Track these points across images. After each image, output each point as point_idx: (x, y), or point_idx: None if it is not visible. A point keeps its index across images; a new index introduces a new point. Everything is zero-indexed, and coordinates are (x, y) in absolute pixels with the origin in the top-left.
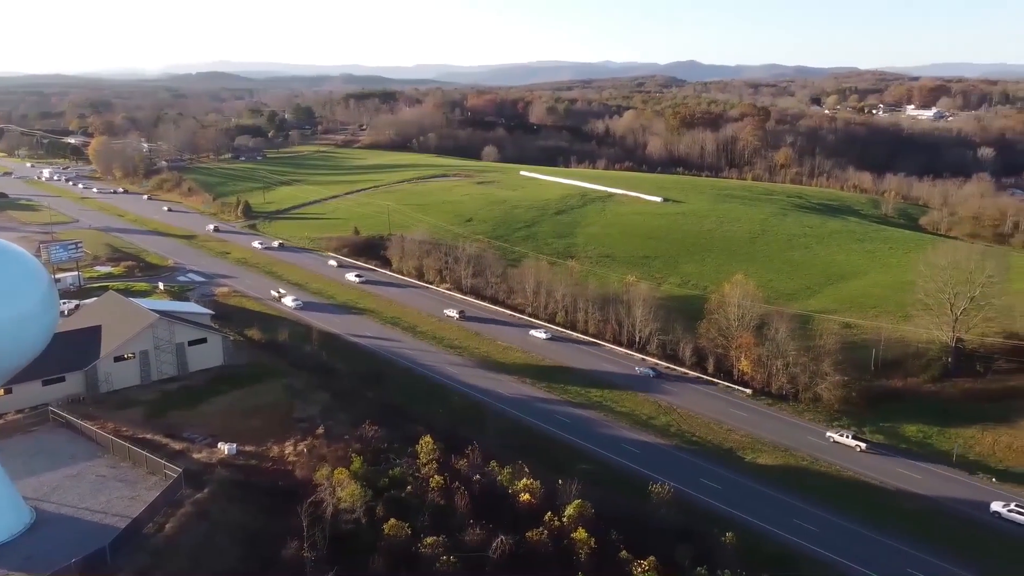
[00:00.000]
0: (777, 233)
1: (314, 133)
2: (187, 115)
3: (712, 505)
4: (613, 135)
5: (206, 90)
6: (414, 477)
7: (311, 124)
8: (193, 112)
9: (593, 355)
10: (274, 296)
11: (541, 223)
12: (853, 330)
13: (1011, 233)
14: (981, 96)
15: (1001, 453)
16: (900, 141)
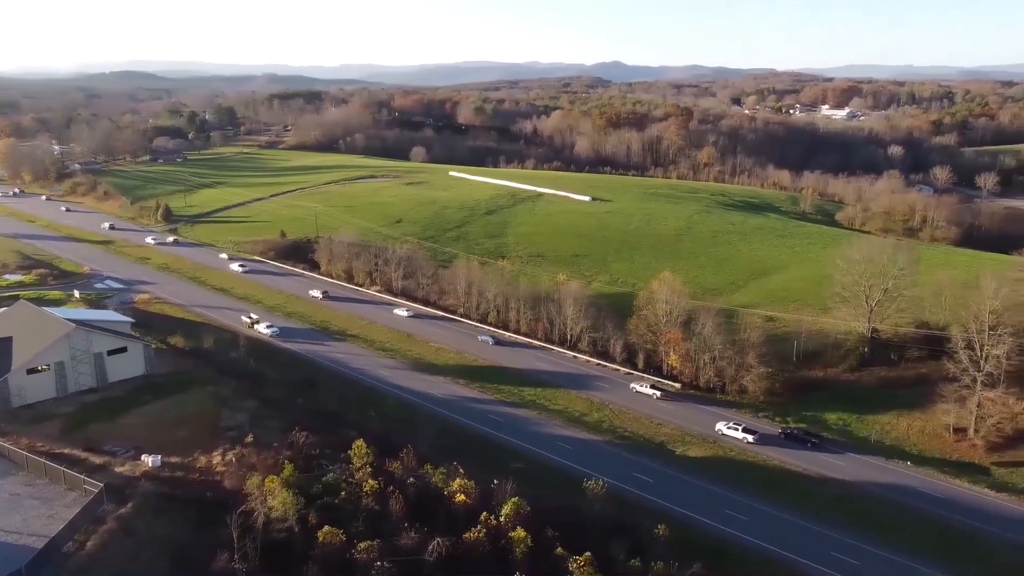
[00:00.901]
0: (702, 230)
1: (237, 134)
2: (101, 116)
3: (645, 498)
4: (541, 135)
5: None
6: (347, 483)
7: (233, 125)
8: (108, 113)
9: (527, 354)
10: (246, 322)
11: (471, 223)
12: (776, 323)
13: (919, 227)
14: (890, 96)
15: (915, 437)
16: (816, 140)
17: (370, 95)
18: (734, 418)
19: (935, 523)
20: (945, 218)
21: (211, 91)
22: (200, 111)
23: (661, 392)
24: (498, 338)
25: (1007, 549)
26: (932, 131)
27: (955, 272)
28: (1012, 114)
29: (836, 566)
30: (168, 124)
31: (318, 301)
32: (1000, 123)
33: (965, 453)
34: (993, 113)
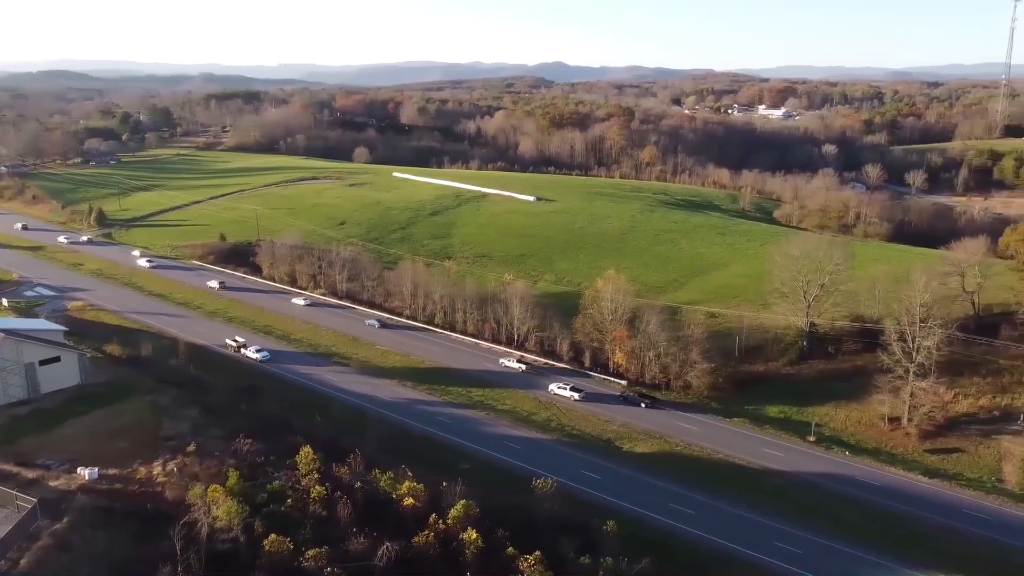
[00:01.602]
0: (645, 229)
1: (173, 135)
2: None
3: (594, 496)
4: (485, 135)
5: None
6: (294, 489)
7: (169, 126)
8: (35, 113)
9: (473, 354)
10: (231, 345)
11: (416, 224)
12: (718, 319)
13: (853, 223)
14: (823, 96)
15: (852, 427)
16: (754, 139)
17: (311, 95)
18: (565, 379)
19: (872, 510)
20: (877, 215)
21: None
22: (134, 112)
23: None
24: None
25: (940, 533)
26: (864, 130)
27: (887, 267)
28: (938, 113)
29: (780, 556)
30: (100, 125)
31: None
32: (927, 122)
33: (899, 442)
34: (920, 113)
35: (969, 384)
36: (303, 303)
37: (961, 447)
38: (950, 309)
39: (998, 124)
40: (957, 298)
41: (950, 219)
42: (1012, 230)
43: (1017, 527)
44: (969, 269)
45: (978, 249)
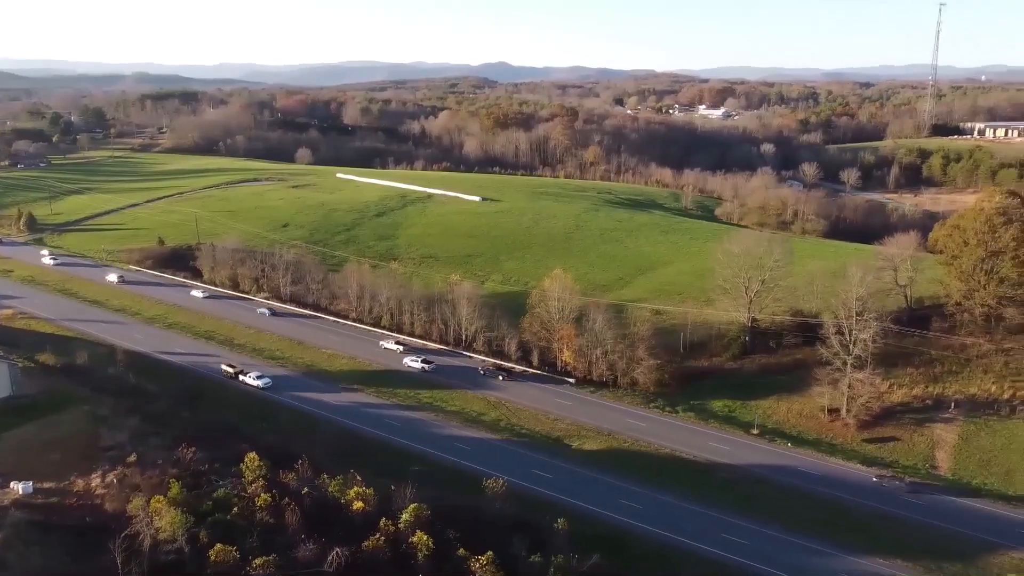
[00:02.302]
0: (591, 228)
1: (107, 137)
2: None
3: (544, 494)
4: (429, 135)
5: None
6: (240, 497)
7: (103, 127)
8: None
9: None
10: (226, 371)
11: (361, 226)
12: (663, 316)
13: (792, 221)
14: (761, 97)
15: (794, 419)
16: (695, 139)
17: (251, 95)
18: (418, 354)
19: (815, 499)
20: (814, 212)
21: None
22: (65, 112)
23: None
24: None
25: (879, 519)
26: (800, 130)
27: (824, 262)
28: (869, 113)
29: (727, 547)
30: (29, 127)
31: (197, 305)
32: (860, 122)
33: (839, 432)
34: (853, 112)
35: (903, 374)
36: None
37: (897, 436)
38: (884, 302)
39: (926, 123)
40: (891, 292)
41: (883, 215)
42: (940, 225)
43: (949, 511)
44: (901, 264)
45: (909, 244)
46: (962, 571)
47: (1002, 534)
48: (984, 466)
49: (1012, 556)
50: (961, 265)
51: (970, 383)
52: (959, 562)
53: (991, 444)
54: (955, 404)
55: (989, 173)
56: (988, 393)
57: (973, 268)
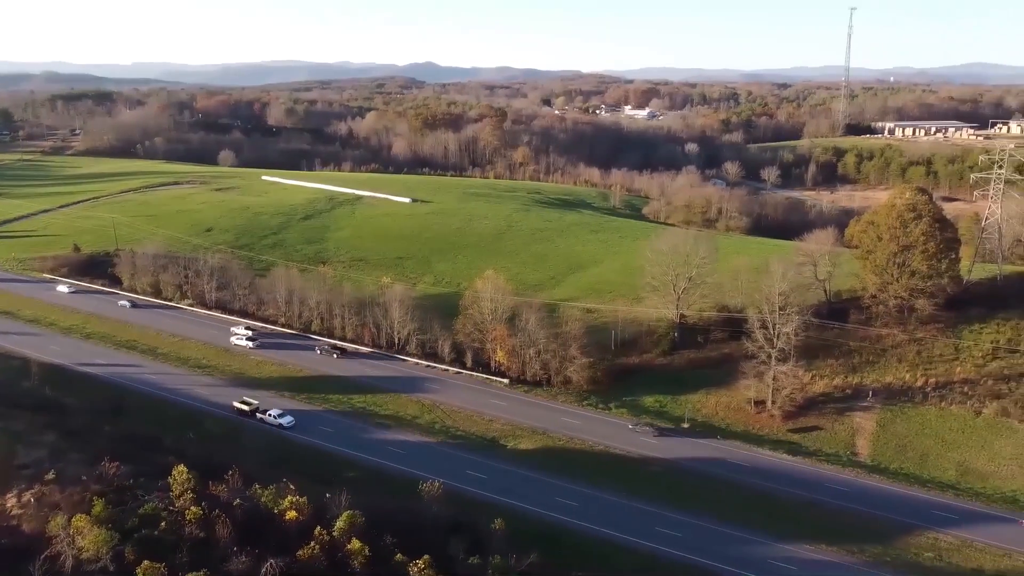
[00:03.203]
0: (522, 228)
1: (14, 139)
2: None
3: (480, 495)
4: (357, 136)
5: None
6: (168, 511)
7: (10, 129)
8: None
9: (353, 360)
10: (240, 409)
11: (288, 229)
12: (594, 314)
13: (716, 218)
14: (684, 97)
15: (722, 412)
16: (621, 139)
17: (169, 96)
18: (243, 330)
19: (744, 490)
20: (737, 209)
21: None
22: None
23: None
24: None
25: (804, 507)
26: (722, 129)
27: (748, 259)
28: (787, 113)
29: (661, 540)
30: None
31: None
32: (778, 121)
33: (765, 423)
34: (772, 112)
35: (824, 366)
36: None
37: (819, 425)
38: (805, 297)
39: (840, 123)
40: (811, 286)
41: (802, 212)
42: (856, 221)
43: (870, 496)
44: (820, 259)
45: (827, 240)
46: (882, 552)
47: (918, 515)
48: (901, 451)
49: (928, 535)
50: (875, 259)
51: (886, 372)
52: (879, 544)
53: (906, 430)
54: (873, 393)
55: (899, 170)
56: (903, 381)
57: (887, 262)
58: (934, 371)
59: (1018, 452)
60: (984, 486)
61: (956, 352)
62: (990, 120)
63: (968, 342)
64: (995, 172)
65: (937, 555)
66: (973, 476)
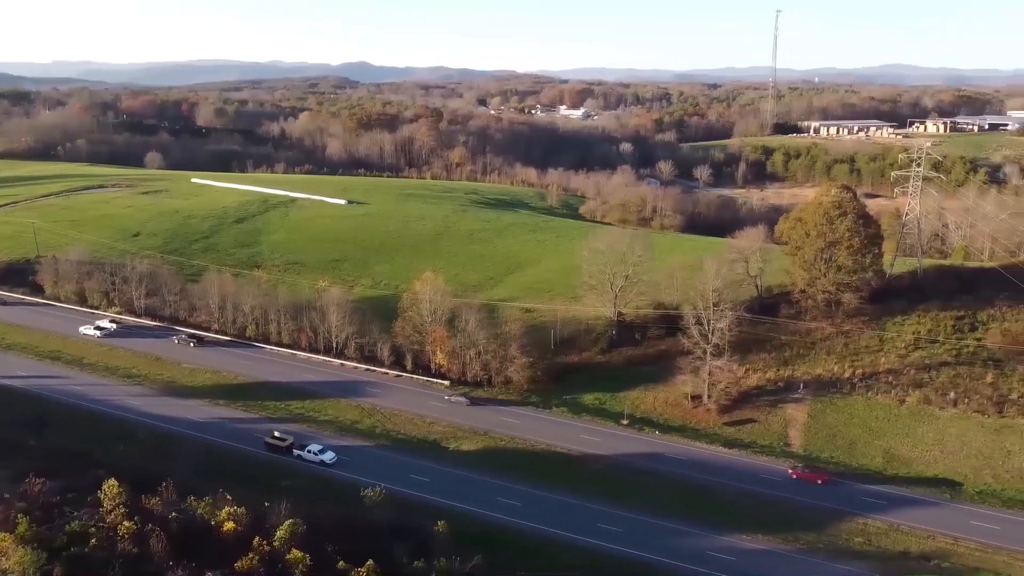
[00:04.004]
0: (459, 229)
1: None
2: None
3: (424, 498)
4: (290, 137)
5: None
6: (98, 528)
7: None
8: None
9: (290, 366)
10: (275, 446)
11: (220, 233)
12: (533, 314)
13: (651, 217)
14: (618, 97)
15: (660, 408)
16: (557, 138)
17: (91, 96)
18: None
19: (683, 484)
20: (671, 208)
21: None
22: None
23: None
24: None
25: (741, 498)
26: (655, 129)
27: (683, 256)
28: (718, 113)
29: (602, 536)
30: None
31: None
32: (709, 121)
33: (702, 418)
34: (703, 112)
35: (757, 360)
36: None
37: (754, 418)
38: (738, 293)
39: (768, 123)
40: (743, 282)
41: (734, 210)
42: (784, 219)
43: (803, 485)
44: (752, 255)
45: (758, 237)
46: (815, 539)
47: (848, 502)
48: (831, 440)
49: (857, 521)
50: (804, 255)
51: (816, 364)
52: (812, 531)
53: (836, 420)
54: (804, 385)
55: (825, 168)
56: (832, 373)
57: (814, 257)
58: (860, 362)
59: (939, 438)
60: (909, 471)
61: (881, 343)
62: (908, 119)
63: (891, 334)
64: (914, 170)
65: (866, 540)
66: (898, 462)
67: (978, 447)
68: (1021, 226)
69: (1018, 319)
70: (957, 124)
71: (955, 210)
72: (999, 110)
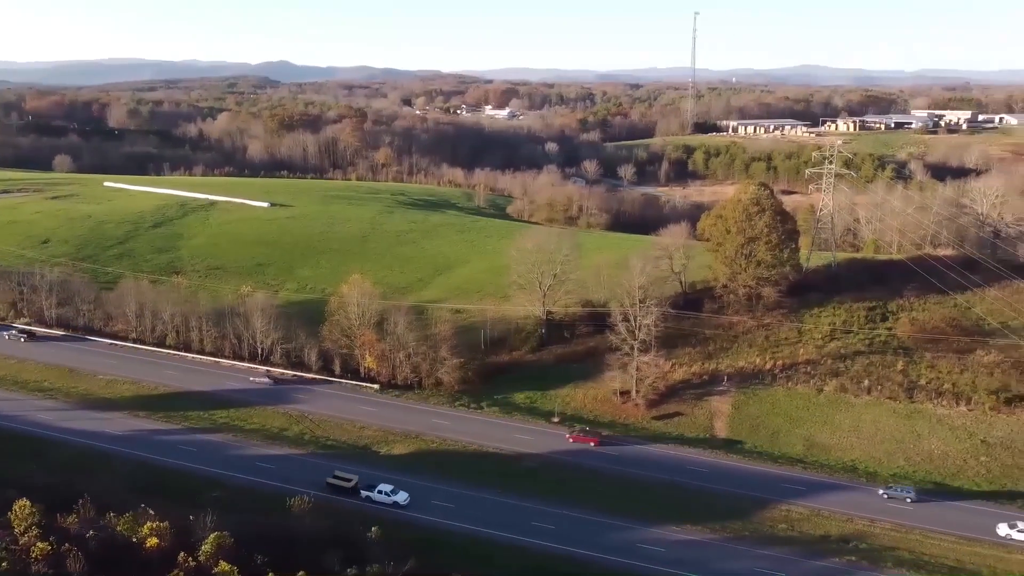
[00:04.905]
0: (386, 230)
1: None
2: None
3: (356, 504)
4: (209, 139)
5: None
6: (9, 551)
7: None
8: None
9: (214, 374)
10: (337, 485)
11: (136, 239)
12: (463, 315)
13: (578, 216)
14: (543, 97)
15: (590, 405)
16: (483, 138)
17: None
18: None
19: (614, 479)
20: (597, 206)
21: None
22: None
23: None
24: None
25: (670, 490)
26: (580, 129)
27: (609, 254)
28: (640, 112)
29: (536, 534)
30: None
31: None
32: (632, 121)
33: (631, 413)
34: (626, 112)
35: (683, 354)
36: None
37: (681, 411)
38: (663, 289)
39: (689, 122)
40: (667, 279)
41: (657, 207)
42: (706, 216)
43: (729, 475)
44: (675, 252)
45: (681, 234)
46: (742, 527)
47: (772, 489)
48: (754, 431)
49: (781, 508)
50: (725, 251)
51: (739, 357)
52: (739, 520)
53: (759, 410)
54: (727, 377)
55: (743, 166)
56: (754, 365)
57: (735, 253)
58: (781, 354)
59: (855, 424)
60: (828, 458)
61: (799, 335)
62: (820, 118)
63: (809, 325)
64: (826, 167)
65: (790, 526)
66: (818, 449)
67: (891, 432)
68: (926, 220)
69: (925, 309)
70: (865, 123)
71: (865, 205)
72: (903, 109)
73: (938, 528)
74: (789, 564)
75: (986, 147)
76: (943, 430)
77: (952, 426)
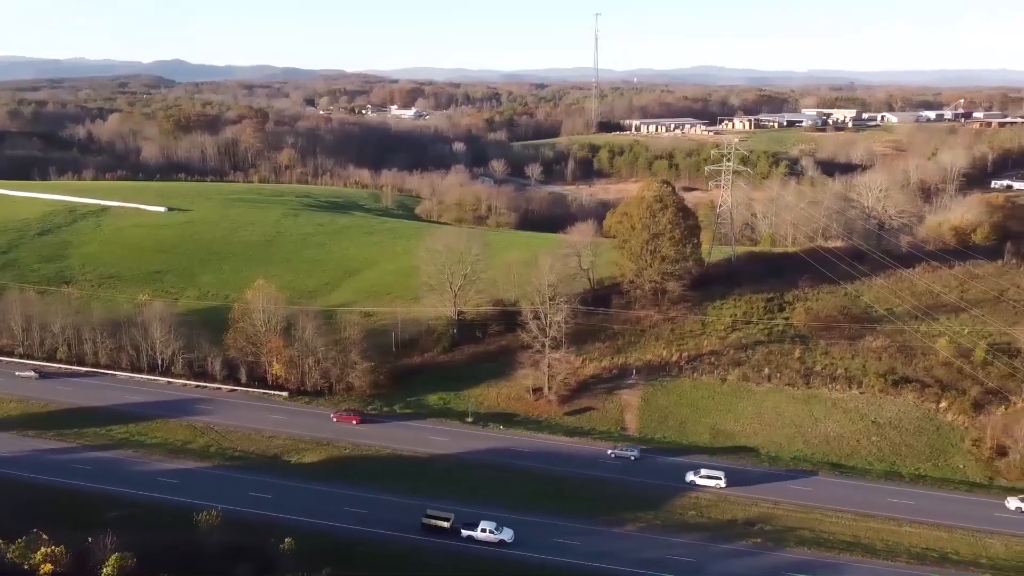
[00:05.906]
0: (291, 233)
1: None
2: None
3: (266, 516)
4: (99, 141)
5: None
6: None
7: None
8: None
9: (110, 388)
10: (434, 527)
11: (21, 247)
12: (373, 318)
13: (487, 215)
14: (449, 97)
15: (504, 403)
16: (390, 138)
17: None
18: None
19: (530, 475)
20: (505, 206)
21: None
22: None
23: None
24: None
25: (584, 484)
26: (487, 128)
27: (519, 253)
28: (546, 112)
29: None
30: None
31: None
32: (538, 120)
33: (544, 409)
34: (532, 112)
35: (593, 349)
36: None
37: (592, 406)
38: (572, 286)
39: (593, 121)
40: (576, 276)
41: (565, 206)
42: (612, 213)
43: (642, 466)
44: (583, 250)
45: (588, 231)
46: (655, 516)
47: (682, 478)
48: (663, 422)
49: (690, 496)
50: (631, 248)
51: (646, 350)
52: (652, 510)
53: (667, 402)
54: (636, 371)
55: (647, 164)
56: (661, 358)
57: (640, 249)
58: (686, 346)
59: (757, 411)
60: (733, 444)
61: (703, 327)
62: (718, 117)
63: (712, 318)
64: (725, 164)
65: (699, 512)
66: (723, 436)
67: (791, 417)
68: (817, 214)
69: (818, 298)
70: (760, 121)
71: (762, 200)
72: (795, 108)
73: (836, 506)
74: (699, 549)
75: (870, 144)
76: (838, 413)
77: (846, 409)
